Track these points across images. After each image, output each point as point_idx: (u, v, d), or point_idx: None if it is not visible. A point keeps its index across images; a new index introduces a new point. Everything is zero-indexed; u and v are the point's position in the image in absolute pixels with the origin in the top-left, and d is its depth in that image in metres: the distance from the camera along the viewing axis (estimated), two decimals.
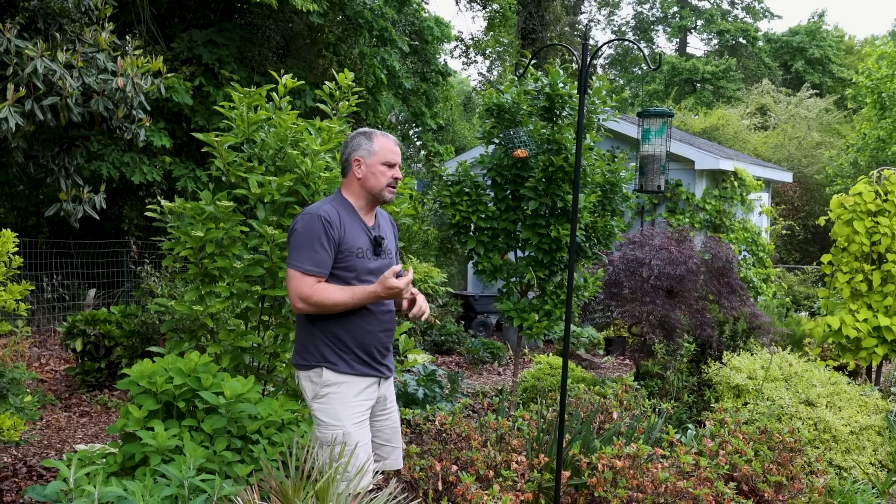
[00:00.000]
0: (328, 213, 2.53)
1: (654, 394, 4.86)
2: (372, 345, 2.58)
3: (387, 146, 2.61)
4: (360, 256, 2.56)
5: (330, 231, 2.50)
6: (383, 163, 2.59)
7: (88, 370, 5.89)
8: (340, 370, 2.54)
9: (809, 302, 10.87)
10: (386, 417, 2.73)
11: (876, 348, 5.14)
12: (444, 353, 8.13)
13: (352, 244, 2.54)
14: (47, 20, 4.51)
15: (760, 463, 3.55)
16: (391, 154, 2.60)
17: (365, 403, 2.59)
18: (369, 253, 2.58)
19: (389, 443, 2.75)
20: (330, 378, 2.54)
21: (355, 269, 2.54)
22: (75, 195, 4.67)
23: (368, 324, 2.57)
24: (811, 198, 16.28)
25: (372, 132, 2.65)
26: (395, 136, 2.70)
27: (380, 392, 2.67)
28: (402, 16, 10.68)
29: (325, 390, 2.54)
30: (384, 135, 2.64)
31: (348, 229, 2.55)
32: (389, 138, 2.64)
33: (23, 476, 3.98)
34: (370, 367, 2.59)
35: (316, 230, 2.49)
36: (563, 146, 4.55)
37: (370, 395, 2.62)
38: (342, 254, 2.53)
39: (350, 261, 2.54)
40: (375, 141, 2.61)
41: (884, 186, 5.27)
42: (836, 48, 26.80)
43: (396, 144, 2.65)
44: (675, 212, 8.95)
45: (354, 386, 2.56)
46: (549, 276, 4.73)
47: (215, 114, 8.20)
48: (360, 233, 2.59)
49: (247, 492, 2.00)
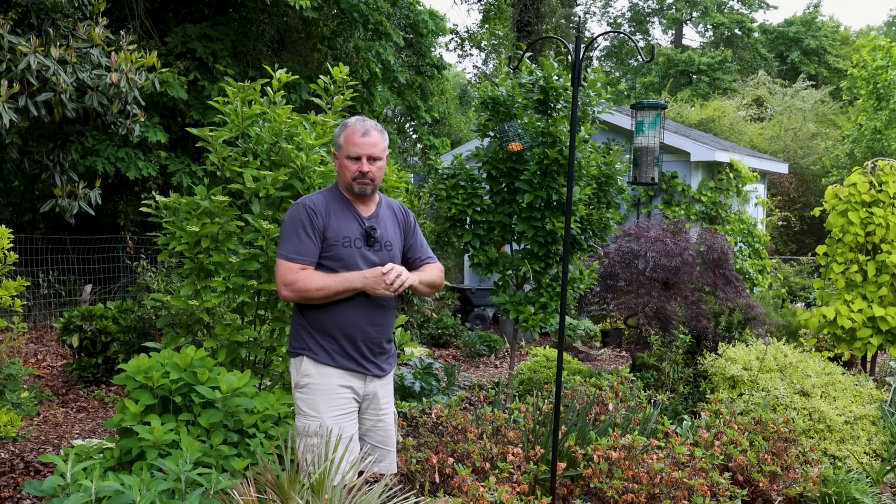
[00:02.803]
0: (313, 202, 2.53)
1: (650, 385, 4.89)
2: (358, 338, 2.52)
3: (351, 139, 2.52)
4: (346, 246, 2.51)
5: (314, 219, 2.48)
6: (347, 156, 2.53)
7: (85, 366, 5.89)
8: (320, 360, 2.51)
9: (805, 293, 10.91)
10: (379, 419, 2.64)
11: (871, 338, 5.16)
12: (441, 346, 8.14)
13: (337, 233, 2.50)
14: (40, 15, 4.48)
15: (755, 453, 3.57)
16: (353, 147, 2.51)
17: (346, 397, 2.53)
18: (359, 243, 2.53)
19: (383, 445, 2.66)
20: (308, 368, 2.52)
21: (342, 258, 2.50)
22: (70, 191, 4.65)
23: (355, 315, 2.52)
24: (807, 189, 16.30)
25: (347, 123, 2.57)
26: (376, 125, 2.57)
27: (367, 389, 2.59)
28: (397, 9, 10.64)
29: (304, 379, 2.52)
30: (354, 125, 2.53)
31: (335, 218, 2.52)
32: (356, 130, 2.52)
33: (20, 471, 3.99)
34: (353, 361, 2.53)
35: (299, 218, 2.49)
36: (558, 139, 4.55)
37: (354, 390, 2.55)
38: (327, 242, 2.50)
39: (336, 250, 2.50)
40: (344, 133, 2.55)
41: (878, 177, 5.28)
42: (831, 39, 26.80)
43: (365, 135, 2.51)
44: (670, 203, 8.97)
45: (334, 378, 2.51)
46: (544, 269, 4.74)
47: (210, 108, 8.17)
48: (350, 222, 2.54)
49: (243, 485, 2.02)
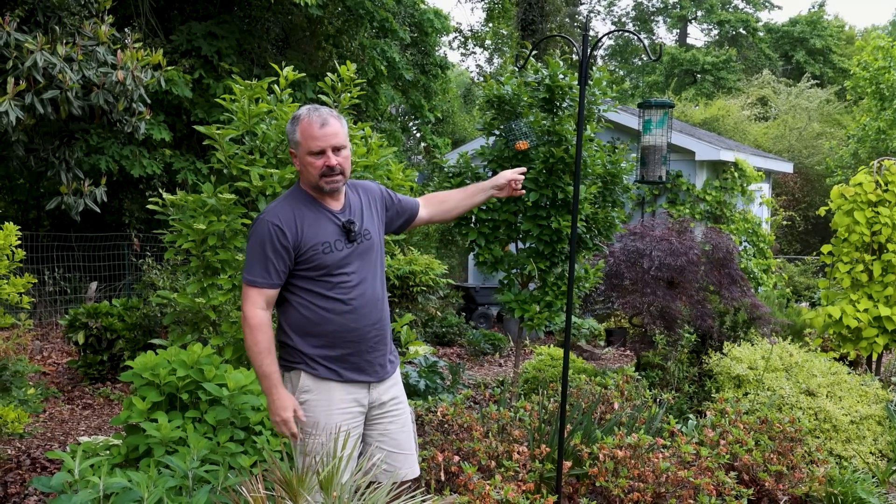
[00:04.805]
0: (278, 217, 2.24)
1: (655, 384, 4.88)
2: (360, 343, 2.30)
3: (308, 132, 2.22)
4: (327, 252, 2.26)
5: (280, 238, 2.21)
6: (308, 152, 2.23)
7: (91, 363, 5.91)
8: (320, 375, 2.28)
9: (810, 292, 10.88)
10: (390, 420, 2.41)
11: (876, 338, 5.15)
12: (446, 344, 8.14)
13: (315, 242, 2.25)
14: (47, 13, 4.49)
15: (761, 452, 3.57)
16: (313, 141, 2.22)
17: (351, 411, 2.32)
18: (339, 244, 2.28)
19: (400, 449, 2.41)
20: (307, 383, 2.29)
21: (325, 265, 2.25)
22: (76, 188, 4.66)
23: (353, 321, 2.29)
24: (812, 188, 16.25)
25: (297, 115, 2.27)
26: (332, 111, 2.27)
27: (372, 397, 2.37)
28: (402, 7, 10.64)
29: (303, 396, 2.30)
30: (308, 116, 2.24)
31: (308, 226, 2.25)
32: (313, 121, 2.23)
33: (27, 468, 4.00)
34: (356, 371, 2.31)
35: (262, 237, 2.23)
36: (564, 137, 4.54)
37: (359, 401, 2.34)
38: (304, 255, 2.24)
39: (318, 259, 2.25)
40: (298, 128, 2.25)
41: (884, 177, 5.26)
42: (836, 38, 26.72)
43: (324, 125, 2.22)
44: (675, 203, 8.95)
45: (336, 393, 2.29)
46: (549, 268, 4.74)
47: (215, 106, 8.19)
48: (325, 225, 2.28)
49: (251, 482, 2.02)
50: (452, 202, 2.63)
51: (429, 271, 7.44)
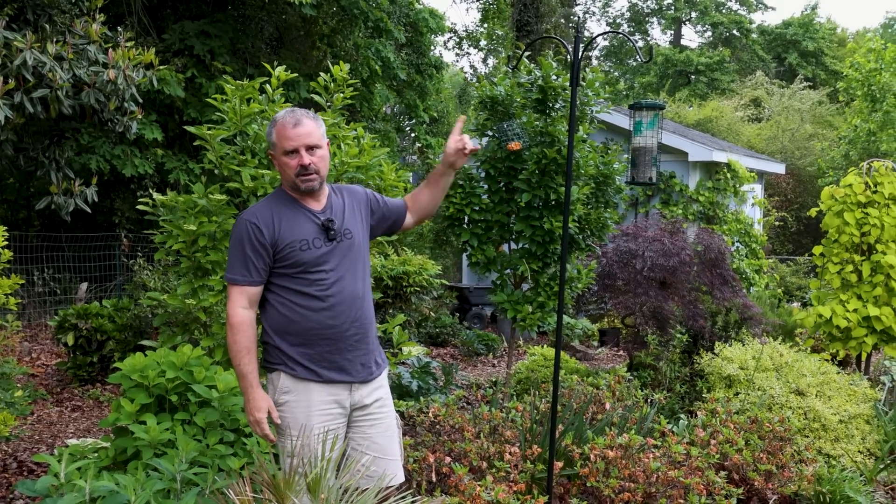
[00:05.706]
0: (255, 215, 2.31)
1: (647, 384, 4.89)
2: (339, 341, 2.31)
3: (282, 132, 2.30)
4: (304, 249, 2.29)
5: (257, 235, 2.28)
6: (284, 152, 2.31)
7: (80, 364, 5.87)
8: (299, 375, 2.30)
9: (801, 293, 10.93)
10: (371, 424, 2.38)
11: (865, 338, 5.18)
12: (439, 345, 8.14)
13: (292, 239, 2.29)
14: (37, 11, 4.46)
15: (751, 452, 3.58)
16: (287, 141, 2.29)
17: (332, 412, 2.32)
18: (318, 241, 2.31)
19: (384, 454, 2.39)
20: (287, 384, 2.31)
21: (302, 262, 2.29)
22: (66, 188, 4.63)
23: (331, 318, 2.30)
24: (804, 189, 16.33)
25: (275, 118, 2.35)
26: (308, 112, 2.34)
27: (353, 399, 2.36)
28: (396, 7, 10.63)
29: (283, 397, 2.31)
30: (283, 118, 2.32)
31: (286, 223, 2.31)
32: (287, 122, 2.30)
33: (13, 471, 3.97)
34: (337, 370, 2.32)
35: (240, 236, 2.30)
36: (557, 138, 4.55)
37: (340, 403, 2.34)
38: (282, 252, 2.29)
39: (295, 256, 2.29)
40: (275, 129, 2.33)
41: (873, 178, 5.29)
42: (828, 41, 26.86)
43: (297, 125, 2.29)
44: (668, 203, 8.98)
45: (316, 394, 2.30)
46: (542, 268, 4.74)
47: (208, 106, 8.14)
48: (303, 223, 2.32)
49: (239, 485, 2.01)
50: (424, 196, 2.62)
51: (423, 272, 7.43)
